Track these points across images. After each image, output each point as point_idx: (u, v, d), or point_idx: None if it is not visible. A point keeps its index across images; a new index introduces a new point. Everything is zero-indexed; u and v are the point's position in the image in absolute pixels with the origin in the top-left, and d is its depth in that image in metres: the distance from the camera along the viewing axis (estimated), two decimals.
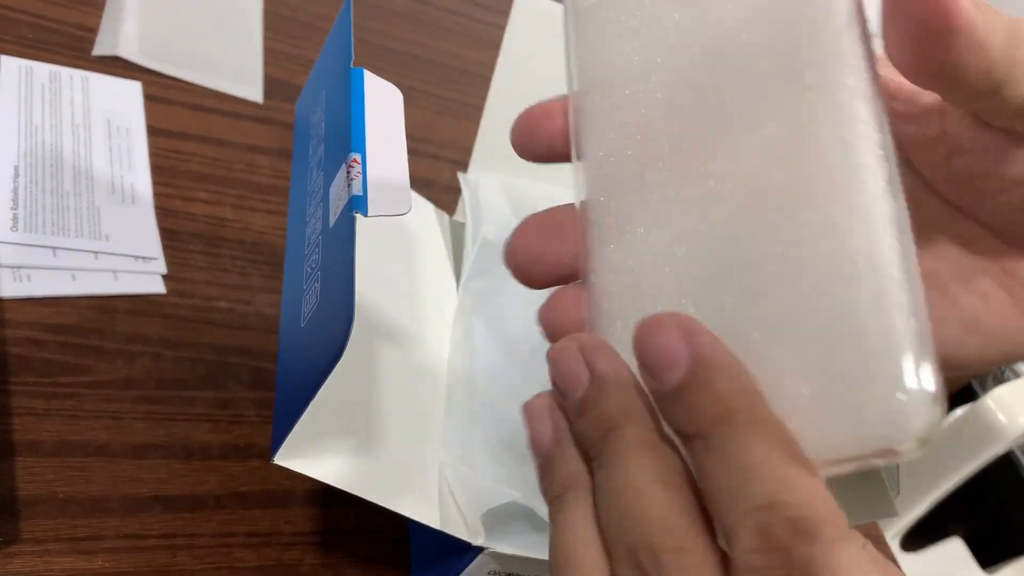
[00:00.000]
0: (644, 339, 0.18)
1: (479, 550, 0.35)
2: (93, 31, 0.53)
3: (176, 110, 0.52)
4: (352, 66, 0.35)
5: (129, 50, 0.53)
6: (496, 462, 0.40)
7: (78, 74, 0.50)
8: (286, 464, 0.31)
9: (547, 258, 0.23)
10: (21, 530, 0.34)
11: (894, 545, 0.99)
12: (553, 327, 0.23)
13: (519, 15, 0.46)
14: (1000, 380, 1.61)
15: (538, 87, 0.48)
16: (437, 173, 0.61)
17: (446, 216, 0.48)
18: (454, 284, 0.45)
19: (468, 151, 0.64)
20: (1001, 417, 0.91)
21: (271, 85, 0.58)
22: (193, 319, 0.44)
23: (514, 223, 0.46)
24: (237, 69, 0.57)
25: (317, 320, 0.31)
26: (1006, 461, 1.52)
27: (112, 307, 0.42)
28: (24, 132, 0.45)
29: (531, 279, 0.24)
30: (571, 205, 0.24)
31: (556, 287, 0.24)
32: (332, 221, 0.32)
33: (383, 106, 0.35)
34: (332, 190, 0.33)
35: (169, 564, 0.36)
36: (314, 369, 0.29)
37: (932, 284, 0.23)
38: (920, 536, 1.00)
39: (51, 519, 0.35)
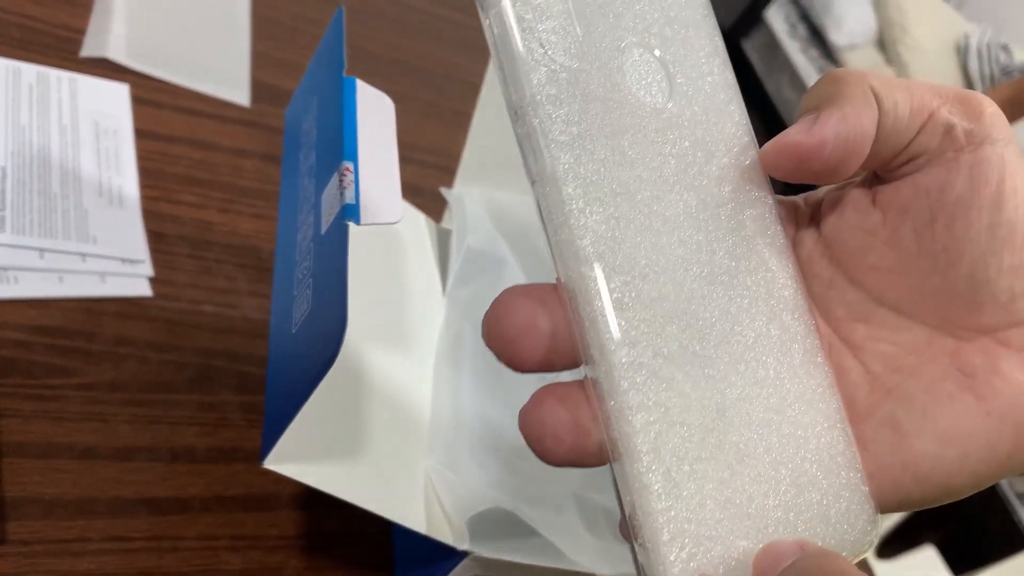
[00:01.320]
0: None
1: (463, 554, 0.35)
2: (81, 32, 0.53)
3: (163, 113, 0.52)
4: (344, 75, 0.35)
5: (117, 52, 0.53)
6: (481, 467, 0.40)
7: (66, 76, 0.50)
8: (276, 468, 0.31)
9: (540, 324, 0.21)
10: (7, 532, 0.34)
11: (869, 552, 1.00)
12: (540, 430, 0.21)
13: None
14: None
15: None
16: (424, 179, 0.61)
17: (433, 223, 0.49)
18: (441, 291, 0.46)
19: (455, 157, 0.65)
20: None
21: (258, 89, 0.58)
22: (179, 322, 0.44)
23: (497, 236, 0.47)
24: (225, 72, 0.57)
25: (309, 326, 0.31)
26: (992, 493, 1.54)
27: (99, 309, 0.42)
28: (11, 133, 0.45)
29: (520, 353, 0.21)
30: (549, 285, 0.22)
31: (539, 388, 0.22)
32: (324, 228, 0.32)
33: (375, 115, 0.35)
34: (324, 198, 0.33)
35: (155, 567, 0.36)
36: (306, 374, 0.29)
37: (899, 398, 0.23)
38: (895, 543, 1.02)
39: (37, 521, 0.35)
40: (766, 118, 2.26)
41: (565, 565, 0.37)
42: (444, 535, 0.35)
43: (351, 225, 0.30)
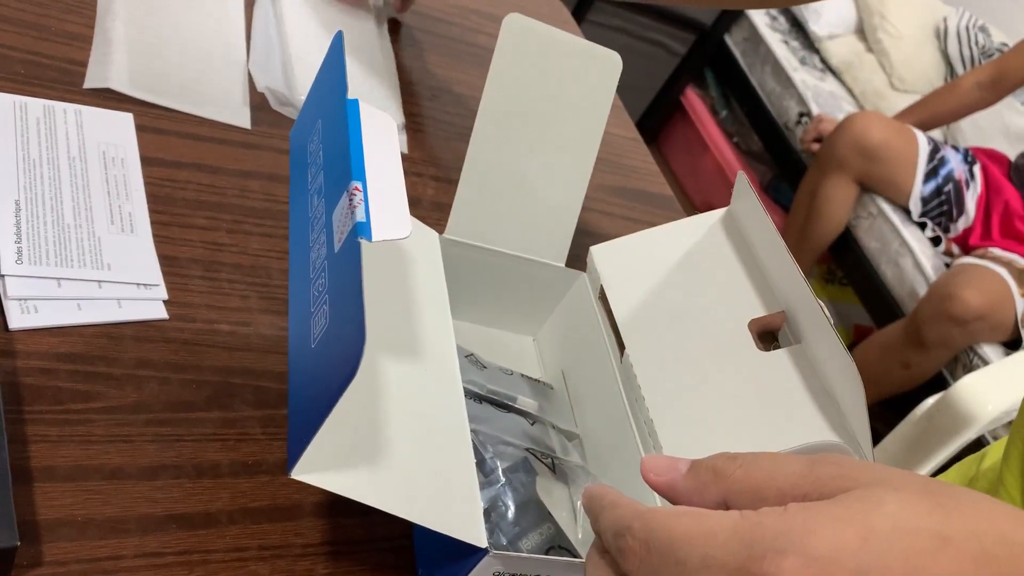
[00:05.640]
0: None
1: (484, 552, 0.37)
2: (83, 65, 0.54)
3: (168, 139, 0.53)
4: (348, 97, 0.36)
5: (119, 82, 0.54)
6: None
7: (71, 108, 0.51)
8: (303, 478, 0.32)
9: None
10: (43, 553, 0.36)
11: None
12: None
13: (507, 35, 0.48)
14: (969, 367, 1.65)
15: (526, 107, 0.51)
16: (422, 191, 0.63)
17: (435, 233, 0.50)
18: (447, 298, 0.47)
19: (450, 168, 0.66)
20: (971, 404, 0.94)
21: (258, 111, 0.59)
22: (196, 343, 0.45)
23: None
24: (224, 96, 0.58)
25: (328, 341, 0.33)
26: (978, 447, 1.56)
27: (118, 334, 0.43)
28: (22, 167, 0.47)
29: None
30: None
31: None
32: (337, 247, 0.34)
33: (379, 135, 0.36)
34: (335, 217, 0.35)
35: None
36: (328, 388, 0.31)
37: None
38: None
39: (71, 541, 0.37)
40: (753, 111, 2.28)
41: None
42: (466, 535, 0.37)
43: (363, 241, 0.32)
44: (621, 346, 0.49)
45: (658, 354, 0.48)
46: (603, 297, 0.52)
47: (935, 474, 0.97)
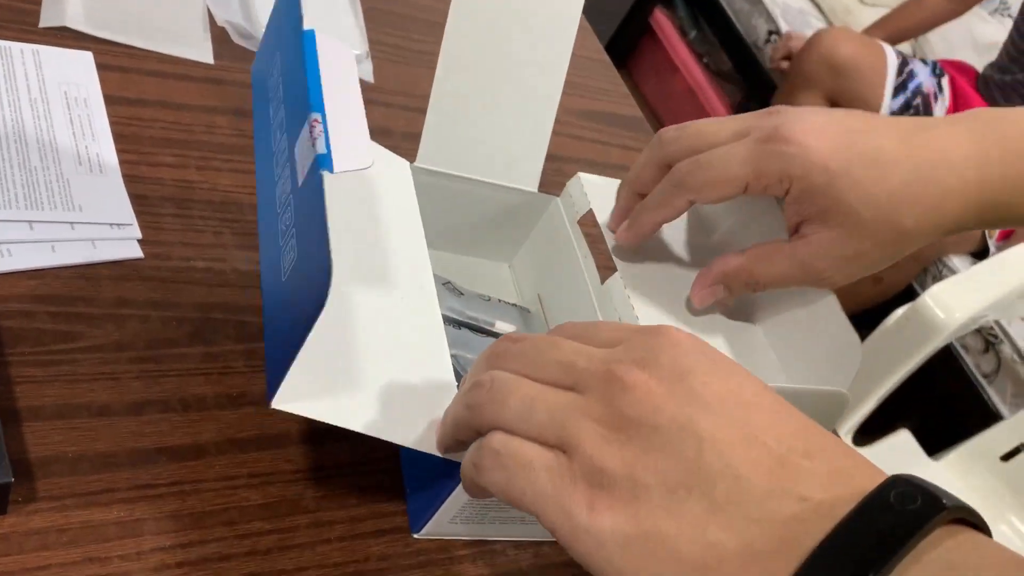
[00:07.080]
0: None
1: None
2: (36, 3, 0.53)
3: (130, 77, 0.53)
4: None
5: (75, 20, 0.53)
6: None
7: (28, 48, 0.50)
8: (283, 407, 0.33)
9: None
10: (37, 489, 0.37)
11: (848, 440, 1.05)
12: None
13: None
14: (938, 278, 1.68)
15: (492, 31, 0.50)
16: (392, 121, 0.62)
17: (407, 163, 0.50)
18: (422, 227, 0.48)
19: (419, 97, 0.66)
20: (939, 313, 0.96)
21: (220, 45, 0.58)
22: (173, 280, 0.45)
23: None
24: (184, 32, 0.57)
25: (297, 274, 0.33)
26: (946, 354, 1.60)
27: (95, 274, 0.44)
28: None
29: None
30: None
31: None
32: (300, 180, 0.34)
33: (336, 66, 0.36)
34: (297, 150, 0.35)
35: (180, 508, 0.39)
36: (300, 319, 0.31)
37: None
38: (871, 430, 1.07)
39: (64, 477, 0.37)
40: (722, 31, 2.26)
41: None
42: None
43: (326, 173, 0.32)
44: (605, 268, 0.50)
45: (649, 276, 0.49)
46: (584, 222, 0.52)
47: (906, 381, 1.00)
